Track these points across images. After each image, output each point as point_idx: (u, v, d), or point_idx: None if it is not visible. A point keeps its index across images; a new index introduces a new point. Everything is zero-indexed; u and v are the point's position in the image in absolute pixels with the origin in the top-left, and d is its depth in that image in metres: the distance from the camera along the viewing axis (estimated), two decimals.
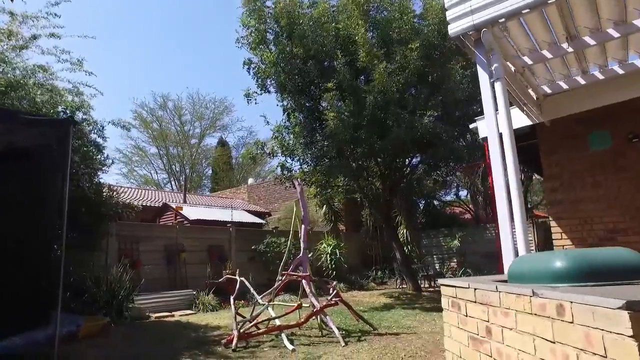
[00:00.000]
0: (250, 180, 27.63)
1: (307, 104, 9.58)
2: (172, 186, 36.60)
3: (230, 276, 7.09)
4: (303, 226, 6.60)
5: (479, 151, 10.20)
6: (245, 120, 49.88)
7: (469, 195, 18.88)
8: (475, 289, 2.58)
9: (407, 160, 11.28)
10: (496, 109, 3.81)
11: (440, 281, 3.16)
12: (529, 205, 16.75)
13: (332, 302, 5.79)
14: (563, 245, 6.49)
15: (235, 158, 40.13)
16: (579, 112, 6.43)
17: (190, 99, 39.53)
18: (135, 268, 9.10)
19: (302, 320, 5.58)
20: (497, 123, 3.76)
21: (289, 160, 10.21)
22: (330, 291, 6.33)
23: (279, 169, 10.25)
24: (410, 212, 16.93)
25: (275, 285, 6.53)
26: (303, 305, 5.76)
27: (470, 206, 19.05)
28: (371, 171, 10.89)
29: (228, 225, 12.38)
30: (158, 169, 38.23)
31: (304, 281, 6.26)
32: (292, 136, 9.94)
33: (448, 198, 20.21)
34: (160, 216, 15.14)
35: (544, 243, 14.52)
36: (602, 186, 6.33)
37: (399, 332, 6.14)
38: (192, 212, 14.77)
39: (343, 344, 5.28)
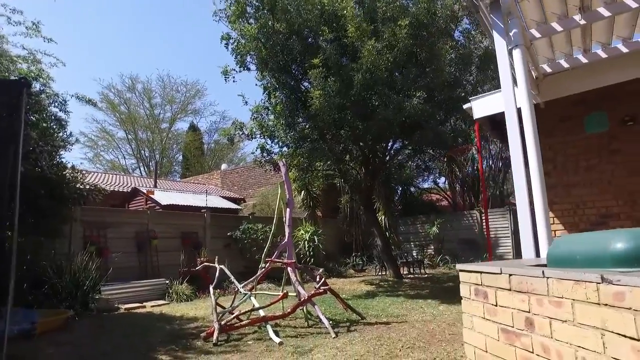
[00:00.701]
0: (224, 166, 26.79)
1: (289, 83, 9.05)
2: (141, 172, 35.22)
3: (209, 264, 6.59)
4: (288, 210, 6.16)
5: (464, 136, 10.02)
6: (219, 104, 48.49)
7: (446, 183, 18.88)
8: (510, 275, 2.23)
9: (389, 144, 10.97)
10: (514, 82, 3.48)
11: (459, 266, 2.81)
12: (505, 193, 16.90)
13: (321, 290, 5.41)
14: (554, 231, 6.34)
15: (207, 144, 39.01)
16: (575, 94, 6.25)
17: (160, 82, 37.87)
18: (103, 256, 8.44)
19: (289, 310, 5.17)
20: (514, 96, 3.43)
21: (268, 142, 9.68)
22: (317, 279, 5.95)
23: (258, 150, 9.72)
24: (388, 198, 16.76)
25: (258, 273, 6.09)
26: (288, 294, 5.35)
27: (448, 193, 19.07)
28: (354, 155, 10.50)
29: (202, 210, 11.77)
30: (126, 154, 36.69)
31: (289, 268, 5.85)
32: (272, 117, 9.41)
33: (425, 185, 20.19)
34: (129, 201, 14.29)
35: (516, 230, 14.65)
36: (595, 170, 6.19)
37: (389, 321, 5.85)
38: (164, 197, 14.01)
39: (333, 335, 4.93)
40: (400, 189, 18.79)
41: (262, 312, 5.25)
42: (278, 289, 10.60)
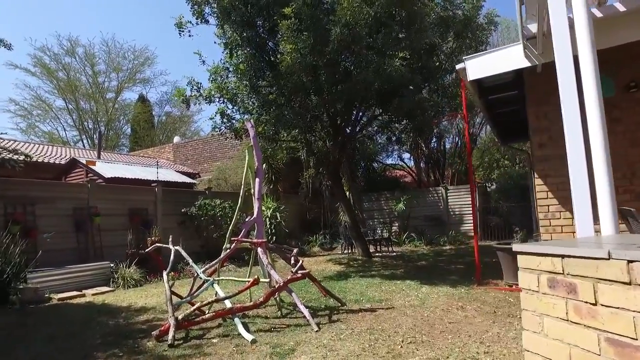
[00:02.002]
0: (176, 139, 25.02)
1: (255, 39, 7.92)
2: (84, 145, 32.34)
3: (160, 244, 5.56)
4: (258, 180, 5.21)
5: (445, 104, 9.43)
6: (170, 73, 45.30)
7: (411, 158, 18.51)
8: (631, 262, 1.48)
9: (360, 114, 10.18)
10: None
11: (517, 247, 2.05)
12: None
13: (298, 275, 4.58)
14: (548, 206, 5.87)
15: (158, 116, 36.52)
16: (575, 59, 5.71)
17: (104, 46, 34.72)
18: (30, 237, 7.13)
19: (261, 299, 4.31)
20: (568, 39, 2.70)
21: (229, 106, 8.56)
22: (292, 261, 5.10)
23: (217, 116, 8.57)
24: (352, 173, 16.12)
25: (222, 256, 5.15)
26: (260, 279, 4.47)
27: (412, 169, 18.73)
28: (324, 124, 9.62)
29: (153, 184, 10.50)
30: (67, 126, 33.53)
31: (259, 250, 4.96)
32: (234, 78, 8.28)
33: (389, 161, 19.74)
34: (67, 175, 12.59)
35: (482, 208, 14.61)
36: None
37: (373, 307, 5.15)
38: (108, 169, 12.45)
39: (315, 328, 4.14)
40: (363, 164, 18.22)
41: (228, 303, 4.35)
42: (240, 271, 9.74)
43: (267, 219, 12.68)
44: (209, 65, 8.65)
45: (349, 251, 12.13)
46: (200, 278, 4.85)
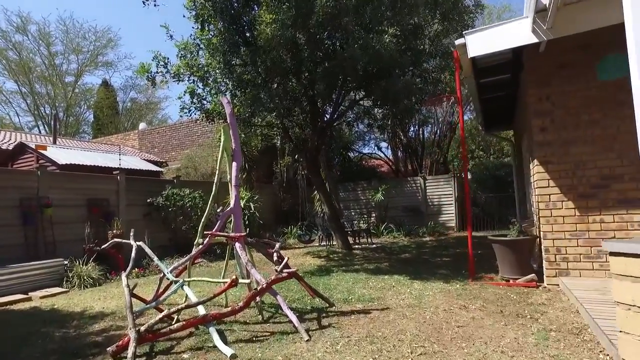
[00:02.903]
0: (142, 126, 23.63)
1: (229, 10, 7.11)
2: (40, 132, 30.18)
3: (120, 240, 4.75)
4: (235, 164, 4.51)
5: (429, 90, 8.97)
6: (135, 57, 42.89)
7: (389, 147, 18.09)
8: None
9: (343, 96, 9.56)
10: None
11: (611, 247, 1.51)
12: (448, 159, 16.52)
13: (284, 275, 3.94)
14: (549, 195, 5.48)
15: (122, 102, 34.60)
16: (581, 37, 5.29)
17: (61, 25, 32.31)
18: None
19: (242, 304, 3.65)
20: None
21: (200, 86, 7.74)
22: (275, 257, 4.46)
23: (187, 96, 7.73)
24: (329, 162, 15.54)
25: (193, 252, 4.43)
26: (238, 279, 3.80)
27: (391, 158, 18.32)
28: (303, 107, 8.95)
29: (115, 172, 9.53)
30: (20, 111, 31.22)
31: (237, 245, 4.29)
32: (206, 53, 7.47)
33: (366, 150, 19.27)
34: (14, 161, 11.32)
35: (460, 197, 14.37)
36: (598, 125, 5.34)
37: (366, 308, 4.61)
38: (63, 155, 11.27)
39: (306, 337, 3.54)
40: (339, 153, 17.63)
41: (201, 309, 3.67)
42: (212, 266, 8.99)
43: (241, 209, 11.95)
44: (178, 40, 7.72)
45: (328, 243, 11.58)
46: (168, 279, 4.13)
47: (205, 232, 4.31)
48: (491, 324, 3.77)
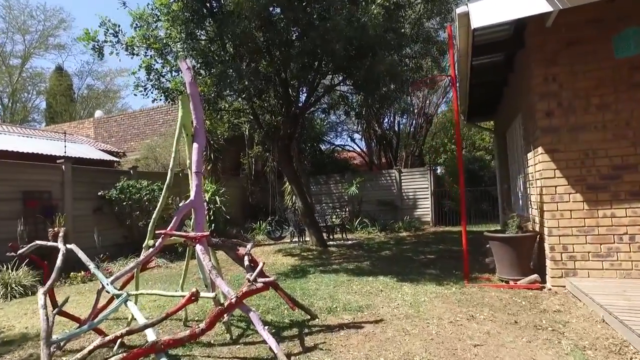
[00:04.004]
0: (98, 113, 21.89)
1: None
2: None
3: (42, 242, 3.68)
4: (196, 146, 3.61)
5: (413, 74, 8.32)
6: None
7: (363, 139, 17.41)
8: None
9: (319, 79, 8.76)
10: None
11: None
12: (424, 152, 16.05)
13: (259, 286, 3.11)
14: (555, 187, 4.91)
15: (78, 89, 32.22)
16: (592, 11, 4.73)
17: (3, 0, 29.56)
18: None
19: (204, 325, 2.80)
20: None
21: (158, 61, 6.71)
22: (246, 261, 3.60)
23: (142, 72, 6.69)
24: (300, 153, 14.71)
25: (142, 257, 3.51)
26: (200, 293, 2.94)
27: (364, 150, 17.66)
28: (277, 90, 8.07)
29: (59, 161, 8.32)
30: None
31: (198, 248, 3.41)
32: (166, 23, 6.45)
33: (338, 142, 18.53)
34: None
35: (436, 191, 13.93)
36: (610, 109, 4.80)
37: (356, 320, 3.85)
38: None
39: None
40: (310, 144, 16.78)
41: (151, 333, 2.79)
42: (172, 267, 7.97)
43: (206, 203, 10.95)
44: (132, 8, 6.65)
45: (300, 240, 10.79)
46: (108, 292, 3.20)
47: (157, 232, 3.40)
48: (512, 341, 3.11)
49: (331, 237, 11.40)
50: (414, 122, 15.93)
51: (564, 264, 4.77)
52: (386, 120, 15.82)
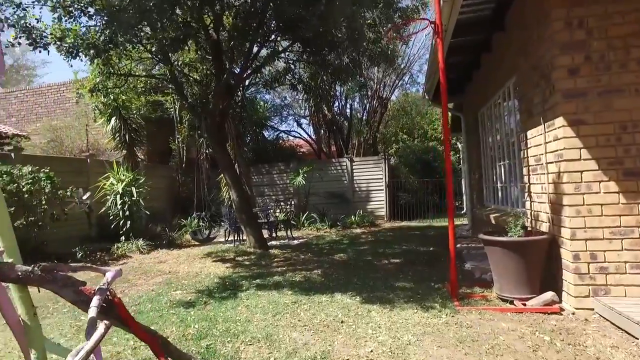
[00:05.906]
0: None
1: None
2: None
3: None
4: None
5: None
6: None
7: (310, 124, 15.73)
8: None
9: (260, 42, 6.96)
10: None
11: None
12: (378, 139, 14.72)
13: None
14: (581, 172, 3.56)
15: None
16: None
17: None
18: None
19: None
20: None
21: None
22: (95, 300, 1.75)
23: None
24: (240, 138, 12.78)
25: None
26: None
27: (313, 137, 16.00)
28: (201, 44, 6.17)
29: None
30: None
31: None
32: None
33: (284, 127, 16.73)
34: None
35: (390, 183, 12.66)
36: None
37: None
38: None
39: None
40: (251, 130, 14.82)
41: None
42: None
43: (117, 196, 8.82)
44: None
45: (236, 239, 8.94)
46: None
47: None
48: None
49: (274, 235, 9.70)
50: (367, 105, 14.51)
51: (592, 277, 3.44)
52: (337, 104, 14.27)
